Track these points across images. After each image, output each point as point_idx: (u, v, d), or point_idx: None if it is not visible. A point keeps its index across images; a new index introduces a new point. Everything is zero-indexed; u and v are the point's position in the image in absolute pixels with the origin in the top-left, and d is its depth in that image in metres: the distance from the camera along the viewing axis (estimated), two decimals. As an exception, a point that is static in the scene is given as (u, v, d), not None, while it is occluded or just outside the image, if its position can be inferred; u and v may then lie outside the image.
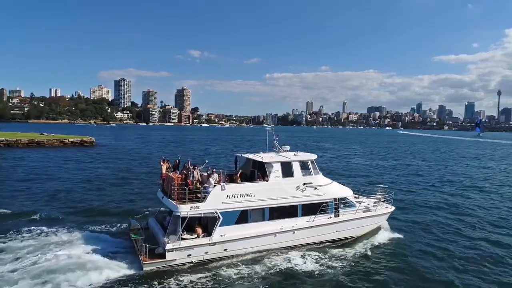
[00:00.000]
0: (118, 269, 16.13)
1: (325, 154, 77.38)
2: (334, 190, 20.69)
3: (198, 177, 18.61)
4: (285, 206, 18.97)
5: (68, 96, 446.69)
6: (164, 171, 20.33)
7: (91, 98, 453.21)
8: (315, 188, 19.82)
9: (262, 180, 19.00)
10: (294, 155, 20.46)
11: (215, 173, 18.51)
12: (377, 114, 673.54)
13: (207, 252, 17.37)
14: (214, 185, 17.73)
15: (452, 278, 16.74)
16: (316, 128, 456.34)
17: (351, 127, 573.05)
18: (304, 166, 20.07)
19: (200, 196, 17.56)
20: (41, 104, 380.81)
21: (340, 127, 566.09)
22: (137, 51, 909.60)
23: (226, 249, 17.69)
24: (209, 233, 17.46)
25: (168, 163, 20.97)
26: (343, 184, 22.72)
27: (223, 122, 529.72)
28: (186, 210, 16.89)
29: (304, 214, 19.40)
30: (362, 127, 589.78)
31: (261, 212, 18.49)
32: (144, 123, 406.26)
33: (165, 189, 19.44)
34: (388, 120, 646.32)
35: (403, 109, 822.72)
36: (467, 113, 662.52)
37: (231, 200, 17.81)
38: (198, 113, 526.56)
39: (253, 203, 18.23)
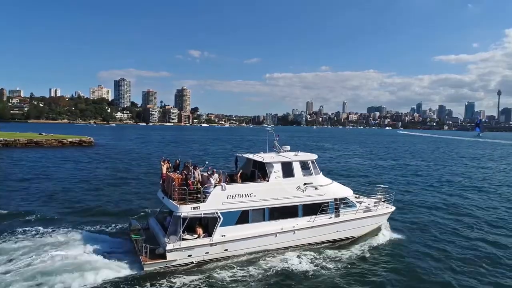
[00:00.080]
0: (118, 270, 16.08)
1: (325, 154, 77.35)
2: (335, 190, 20.68)
3: (199, 178, 18.60)
4: (286, 206, 18.96)
5: (68, 96, 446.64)
6: (165, 171, 20.31)
7: (91, 98, 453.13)
8: (316, 188, 19.80)
9: (263, 180, 18.99)
10: (295, 155, 20.45)
11: (216, 174, 18.51)
12: (377, 114, 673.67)
13: (208, 253, 17.36)
14: (215, 186, 17.72)
15: (449, 279, 16.71)
16: (316, 128, 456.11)
17: (351, 127, 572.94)
18: (305, 166, 20.05)
19: (201, 197, 17.54)
20: (41, 104, 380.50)
21: (340, 127, 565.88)
22: (137, 51, 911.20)
23: (227, 250, 17.68)
24: (210, 234, 17.45)
25: (169, 163, 20.95)
26: (344, 184, 22.71)
27: (223, 122, 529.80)
28: (187, 211, 16.87)
29: (305, 214, 19.39)
30: (362, 127, 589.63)
31: (262, 212, 18.47)
32: (144, 123, 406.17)
33: (166, 190, 19.42)
34: (388, 120, 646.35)
35: (403, 109, 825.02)
36: (467, 113, 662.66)
37: (232, 201, 17.79)
38: (198, 113, 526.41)
39: (254, 203, 18.22)
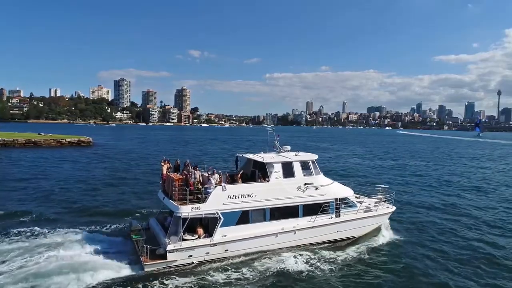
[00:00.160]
0: (119, 270, 16.05)
1: (325, 154, 77.32)
2: (335, 190, 20.66)
3: (199, 178, 18.58)
4: (286, 207, 18.94)
5: (68, 96, 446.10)
6: (165, 172, 20.27)
7: (91, 98, 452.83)
8: (316, 188, 19.78)
9: (263, 181, 18.97)
10: (295, 155, 20.43)
11: (216, 174, 18.48)
12: (377, 114, 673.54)
13: (208, 253, 17.34)
14: (215, 186, 17.69)
15: (446, 280, 16.63)
16: (316, 128, 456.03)
17: (351, 127, 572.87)
18: (305, 166, 20.03)
19: (201, 197, 17.53)
20: (41, 104, 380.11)
21: (340, 127, 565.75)
22: (137, 51, 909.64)
23: (227, 250, 17.66)
24: (210, 234, 17.43)
25: (169, 164, 20.91)
26: (344, 184, 22.64)
27: (223, 122, 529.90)
28: (187, 211, 16.85)
29: (305, 215, 19.37)
30: (362, 127, 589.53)
31: (262, 213, 18.45)
32: (144, 123, 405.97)
33: (166, 190, 19.39)
34: (388, 120, 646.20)
35: (403, 109, 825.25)
36: (467, 113, 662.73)
37: (232, 201, 17.77)
38: (198, 113, 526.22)
39: (254, 204, 18.19)
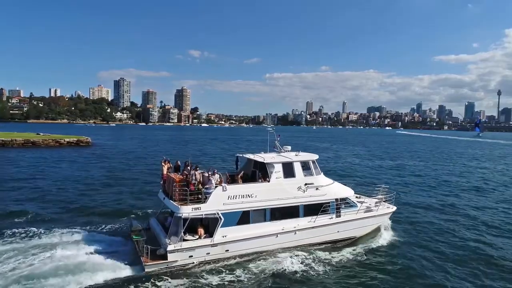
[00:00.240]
0: (119, 270, 16.03)
1: (325, 154, 77.31)
2: (336, 190, 20.65)
3: (200, 178, 18.55)
4: (287, 207, 18.93)
5: (68, 96, 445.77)
6: (165, 172, 20.24)
7: (91, 98, 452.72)
8: (317, 189, 19.76)
9: (264, 181, 18.96)
10: (296, 155, 20.41)
11: (216, 174, 18.45)
12: (377, 114, 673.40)
13: (209, 253, 17.33)
14: (216, 186, 17.68)
15: (443, 281, 16.59)
16: (316, 128, 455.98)
17: (351, 127, 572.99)
18: (306, 167, 20.01)
19: (202, 197, 17.52)
20: (41, 104, 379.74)
21: (340, 127, 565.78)
22: (137, 51, 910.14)
23: (228, 250, 17.65)
24: (211, 234, 17.41)
25: (169, 164, 20.88)
26: (345, 184, 22.64)
27: (223, 122, 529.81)
28: (188, 211, 16.84)
29: (306, 215, 19.36)
30: (362, 127, 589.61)
31: (263, 213, 18.44)
32: (144, 123, 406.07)
33: (167, 190, 19.37)
34: (388, 120, 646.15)
35: (403, 109, 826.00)
36: (467, 113, 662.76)
37: (233, 201, 17.75)
38: (198, 113, 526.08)
39: (255, 204, 18.18)
